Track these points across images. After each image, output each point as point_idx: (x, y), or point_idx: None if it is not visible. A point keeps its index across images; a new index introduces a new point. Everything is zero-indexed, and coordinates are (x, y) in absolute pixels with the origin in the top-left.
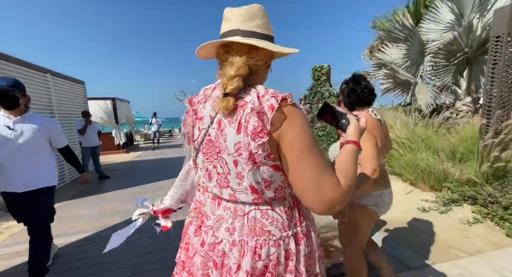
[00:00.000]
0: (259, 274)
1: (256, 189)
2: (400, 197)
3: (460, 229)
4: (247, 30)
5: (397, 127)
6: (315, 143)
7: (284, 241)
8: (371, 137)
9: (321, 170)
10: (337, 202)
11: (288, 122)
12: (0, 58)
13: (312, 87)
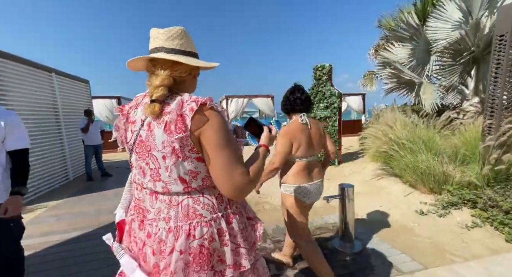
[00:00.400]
0: (197, 252)
1: (185, 180)
2: (399, 199)
3: (458, 233)
4: (169, 47)
5: (397, 128)
6: (230, 139)
7: (215, 221)
8: (285, 139)
9: (233, 162)
10: (245, 188)
11: (206, 121)
12: (5, 58)
13: (313, 87)
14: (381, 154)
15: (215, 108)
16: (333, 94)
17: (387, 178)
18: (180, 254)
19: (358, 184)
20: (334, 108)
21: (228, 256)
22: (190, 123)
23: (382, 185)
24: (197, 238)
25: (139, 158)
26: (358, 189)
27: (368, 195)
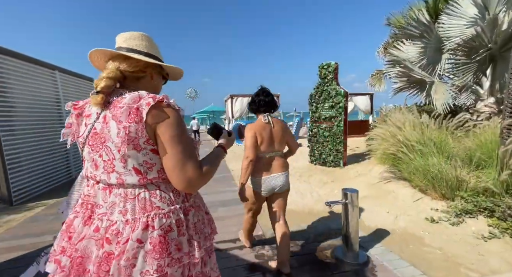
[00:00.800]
0: (157, 242)
1: (140, 171)
2: (407, 204)
3: (473, 244)
4: (127, 46)
5: (406, 129)
6: (184, 135)
7: (173, 213)
8: (250, 132)
9: (187, 156)
10: (196, 181)
11: (163, 116)
12: (7, 55)
13: (318, 86)
14: (389, 156)
15: (172, 106)
16: (338, 93)
17: (395, 181)
18: (138, 243)
19: (364, 187)
20: (340, 107)
21: (184, 245)
22: (145, 116)
23: (389, 189)
24: (156, 229)
25: (92, 150)
26: (363, 192)
27: (374, 199)
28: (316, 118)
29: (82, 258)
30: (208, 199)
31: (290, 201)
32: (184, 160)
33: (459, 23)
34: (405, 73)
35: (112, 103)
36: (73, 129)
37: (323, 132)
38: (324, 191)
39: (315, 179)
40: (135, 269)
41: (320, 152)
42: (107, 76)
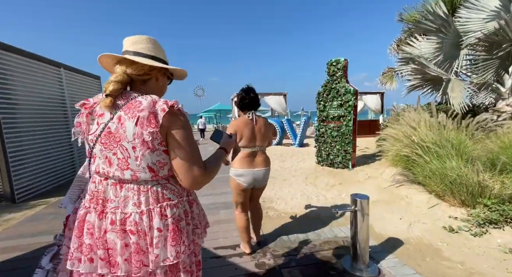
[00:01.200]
0: (170, 229)
1: (153, 169)
2: (422, 211)
3: (500, 259)
4: (133, 50)
5: (421, 129)
6: (191, 137)
7: (181, 204)
8: (231, 129)
9: (194, 157)
10: (201, 180)
11: (174, 121)
12: (12, 52)
13: (326, 83)
14: (402, 158)
15: (181, 110)
16: (348, 91)
17: (408, 185)
18: (159, 232)
19: (374, 190)
20: (349, 106)
21: (190, 233)
22: (161, 120)
23: (402, 194)
24: (169, 217)
25: (105, 148)
26: (373, 196)
27: (385, 205)
28: (324, 117)
29: (112, 250)
30: (210, 200)
31: (294, 204)
32: (191, 161)
33: (479, 17)
34: (420, 70)
35: (126, 105)
36: (82, 128)
37: (331, 132)
38: (331, 194)
39: (322, 181)
40: (158, 258)
41: (327, 153)
42: (115, 80)
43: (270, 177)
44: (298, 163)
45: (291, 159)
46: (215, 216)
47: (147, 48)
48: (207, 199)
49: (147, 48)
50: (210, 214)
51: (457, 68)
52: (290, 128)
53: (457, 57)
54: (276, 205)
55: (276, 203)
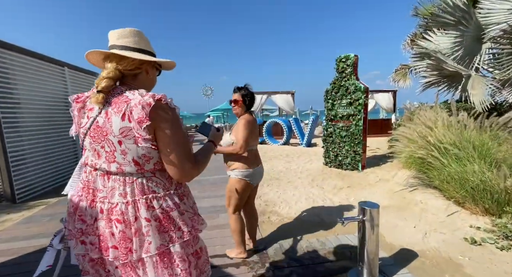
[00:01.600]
0: (160, 218)
1: (138, 162)
2: (439, 219)
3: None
4: (120, 44)
5: (438, 129)
6: (181, 131)
7: (169, 196)
8: (249, 127)
9: (185, 151)
10: (192, 173)
11: (161, 115)
12: (16, 51)
13: (335, 81)
14: (416, 160)
15: (170, 104)
16: (358, 88)
17: (423, 190)
18: (147, 222)
19: (385, 195)
20: (359, 105)
21: (188, 222)
22: (147, 115)
23: (416, 199)
24: (157, 208)
25: (94, 141)
26: (384, 201)
27: (398, 211)
28: (332, 116)
29: (103, 236)
30: (210, 203)
31: (298, 209)
32: (182, 155)
33: (503, 8)
34: (436, 65)
35: (113, 100)
36: (75, 121)
37: (339, 132)
38: (339, 198)
39: (329, 184)
40: (151, 245)
41: (336, 154)
42: (107, 76)
43: (274, 179)
44: (305, 164)
45: (297, 159)
46: (214, 220)
47: (134, 41)
48: (208, 202)
49: (134, 42)
50: (209, 218)
51: (478, 64)
52: (298, 128)
53: (478, 51)
54: (280, 209)
55: (280, 207)
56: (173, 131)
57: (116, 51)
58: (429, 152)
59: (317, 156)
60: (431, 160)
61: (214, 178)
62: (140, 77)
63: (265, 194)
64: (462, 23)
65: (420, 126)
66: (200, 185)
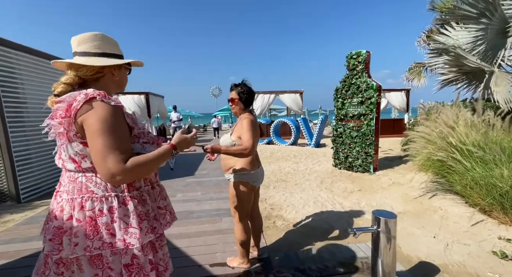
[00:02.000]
0: (89, 221)
1: (75, 160)
2: (462, 228)
3: None
4: (80, 51)
5: (460, 129)
6: (111, 128)
7: (107, 199)
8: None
9: (110, 149)
10: (119, 173)
11: (89, 110)
12: (21, 51)
13: (346, 79)
14: (435, 162)
15: (105, 101)
16: (370, 86)
17: (442, 195)
18: (78, 223)
19: (400, 199)
20: (371, 103)
21: (117, 231)
22: (74, 111)
23: (434, 205)
24: (87, 210)
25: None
26: (399, 207)
27: (414, 218)
28: (342, 115)
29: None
30: (213, 206)
31: (305, 213)
32: (105, 152)
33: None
34: (456, 62)
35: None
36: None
37: (350, 132)
38: (349, 202)
39: (339, 187)
40: (77, 247)
41: (346, 155)
42: (64, 82)
43: (281, 181)
44: (313, 166)
45: (305, 160)
46: (216, 225)
47: (94, 46)
48: (210, 204)
49: (95, 46)
50: (211, 221)
51: (502, 59)
52: (306, 128)
53: (502, 46)
54: (286, 214)
55: (286, 211)
56: (98, 127)
57: (75, 60)
58: (449, 154)
59: (326, 157)
60: (452, 163)
61: (218, 179)
62: (103, 80)
63: (271, 197)
64: (485, 15)
65: (441, 126)
66: (203, 187)
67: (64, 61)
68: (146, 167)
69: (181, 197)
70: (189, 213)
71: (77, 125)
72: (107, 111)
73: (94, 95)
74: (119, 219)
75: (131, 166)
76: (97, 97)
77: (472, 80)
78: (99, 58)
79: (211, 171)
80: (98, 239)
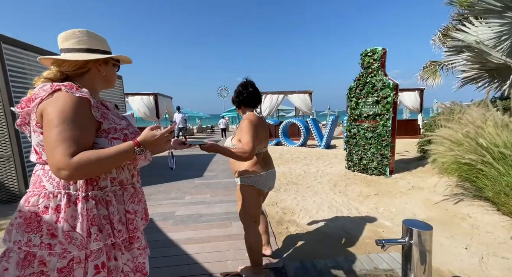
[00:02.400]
0: (30, 217)
1: (37, 151)
2: (497, 239)
3: None
4: (65, 47)
5: (489, 130)
6: (68, 120)
7: (55, 196)
8: (254, 128)
9: (60, 141)
10: (64, 169)
11: (51, 101)
12: (31, 51)
13: (360, 77)
14: (461, 166)
15: (69, 92)
16: (386, 85)
17: (469, 201)
18: (18, 213)
19: (422, 205)
20: (388, 103)
21: (59, 233)
22: (39, 101)
23: (462, 212)
24: (29, 205)
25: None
26: (421, 213)
27: (441, 226)
28: (356, 116)
29: None
30: (223, 209)
31: (319, 218)
32: (54, 144)
33: None
34: (479, 58)
35: None
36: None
37: (364, 133)
38: (366, 207)
39: (354, 191)
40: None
41: (360, 157)
42: (46, 76)
43: (292, 183)
44: (325, 168)
45: (316, 162)
46: (226, 229)
47: (79, 42)
48: (220, 207)
49: (79, 42)
50: (221, 226)
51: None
52: (316, 128)
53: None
54: (299, 219)
55: (299, 215)
56: (53, 117)
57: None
58: (480, 157)
59: (338, 159)
60: (482, 167)
61: (227, 181)
62: (88, 76)
63: (283, 201)
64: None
65: (466, 126)
66: (212, 189)
67: (47, 58)
68: (98, 164)
69: (190, 199)
70: (198, 216)
71: (38, 114)
72: (67, 101)
73: (59, 86)
74: (65, 220)
75: (78, 161)
76: (62, 88)
77: (495, 77)
78: (82, 54)
79: (220, 173)
80: (39, 237)
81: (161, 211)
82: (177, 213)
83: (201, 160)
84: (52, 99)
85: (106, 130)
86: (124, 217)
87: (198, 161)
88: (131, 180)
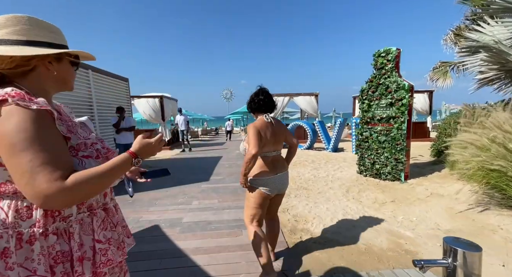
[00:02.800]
0: None
1: None
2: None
3: None
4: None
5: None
6: (35, 140)
7: (1, 237)
8: (255, 131)
9: (37, 167)
10: (54, 196)
11: (1, 120)
12: None
13: (372, 79)
14: (489, 173)
15: (22, 104)
16: (401, 87)
17: (498, 211)
18: None
19: (444, 214)
20: (402, 105)
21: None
22: None
23: (490, 223)
24: None
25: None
26: (445, 223)
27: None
28: (368, 118)
29: None
30: (231, 216)
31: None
32: (31, 171)
33: None
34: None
35: None
36: None
37: (377, 136)
38: (383, 215)
39: (368, 197)
40: None
41: (372, 161)
42: None
43: (302, 188)
44: (335, 172)
45: (325, 166)
46: (237, 238)
47: (16, 31)
48: (229, 214)
49: (16, 32)
50: (231, 234)
51: None
52: (323, 131)
53: None
54: (312, 227)
55: (312, 224)
56: (15, 140)
57: None
58: (510, 163)
59: (347, 163)
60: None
61: (234, 186)
62: (32, 75)
63: (294, 207)
64: None
65: (493, 130)
66: (219, 194)
67: None
68: (96, 184)
69: (197, 205)
70: (207, 223)
71: None
72: (24, 118)
73: (4, 97)
74: (18, 265)
75: (74, 183)
76: (8, 99)
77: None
78: (20, 47)
79: (226, 177)
80: None
81: (168, 217)
82: (184, 219)
83: (206, 164)
84: (0, 118)
85: (75, 146)
86: (91, 250)
87: (203, 165)
88: (103, 200)
